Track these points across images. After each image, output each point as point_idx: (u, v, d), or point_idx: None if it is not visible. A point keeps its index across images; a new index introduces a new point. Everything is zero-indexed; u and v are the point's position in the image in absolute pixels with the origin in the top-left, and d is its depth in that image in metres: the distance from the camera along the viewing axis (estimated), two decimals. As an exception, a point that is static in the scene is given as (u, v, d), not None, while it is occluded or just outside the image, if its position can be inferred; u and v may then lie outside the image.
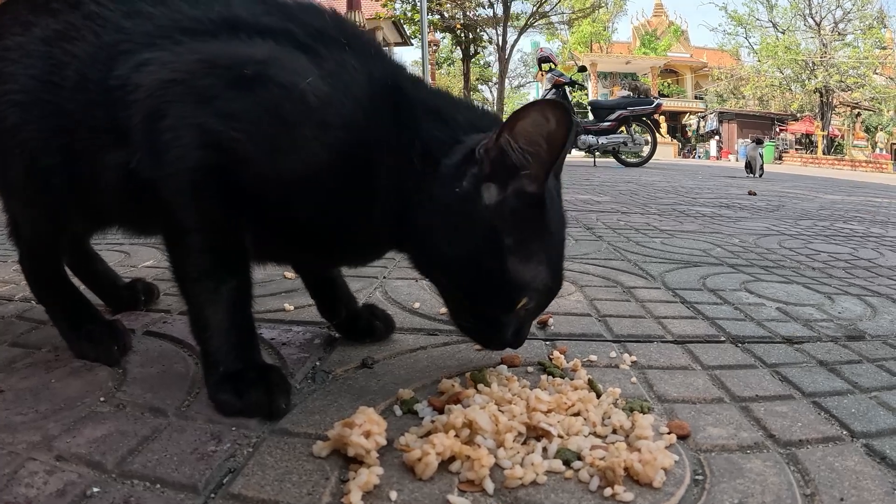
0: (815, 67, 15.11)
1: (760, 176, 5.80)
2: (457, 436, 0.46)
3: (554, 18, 14.88)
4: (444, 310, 0.86)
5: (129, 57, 0.57)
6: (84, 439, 0.49)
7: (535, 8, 13.56)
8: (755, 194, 3.48)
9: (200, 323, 0.56)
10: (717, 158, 15.70)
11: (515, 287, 0.53)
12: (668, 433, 0.51)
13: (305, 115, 0.54)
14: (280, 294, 0.92)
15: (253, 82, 0.54)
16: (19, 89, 0.60)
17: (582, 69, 6.83)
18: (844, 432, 0.54)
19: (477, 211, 0.53)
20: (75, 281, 0.77)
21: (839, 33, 15.60)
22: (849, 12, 15.36)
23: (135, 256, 1.19)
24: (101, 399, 0.57)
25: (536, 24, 14.29)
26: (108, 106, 0.57)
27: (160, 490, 0.43)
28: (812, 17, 15.77)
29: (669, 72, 19.16)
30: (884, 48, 14.82)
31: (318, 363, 0.67)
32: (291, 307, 0.86)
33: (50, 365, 0.65)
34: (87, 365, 0.65)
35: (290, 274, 1.02)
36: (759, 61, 16.89)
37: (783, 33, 16.41)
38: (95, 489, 0.42)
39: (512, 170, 0.52)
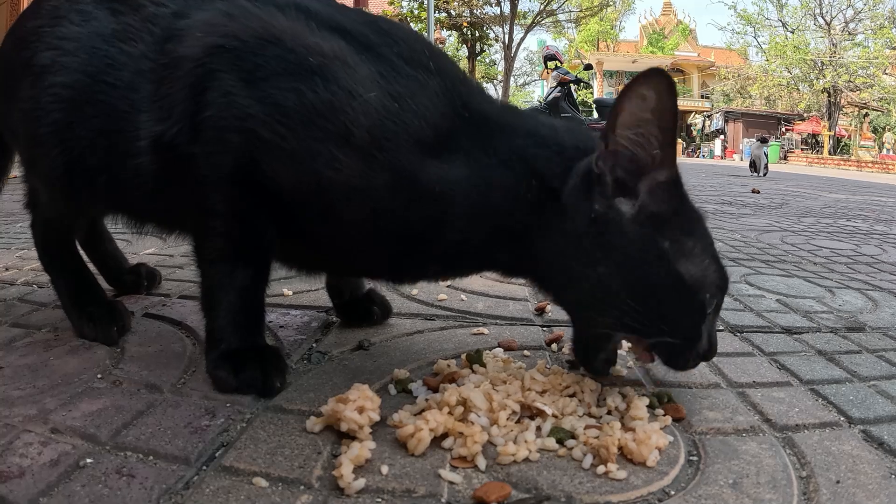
0: (824, 67, 14.98)
1: (765, 175, 5.77)
2: (450, 413, 0.47)
3: (561, 17, 14.84)
4: (442, 296, 0.86)
5: (181, 26, 0.54)
6: (79, 413, 0.49)
7: (542, 6, 13.51)
8: (759, 192, 3.46)
9: (210, 301, 0.56)
10: (722, 158, 15.63)
11: (695, 289, 0.48)
12: (664, 415, 0.51)
13: (366, 130, 0.49)
14: (279, 280, 0.93)
15: (312, 76, 0.49)
16: (70, 84, 0.57)
17: (588, 67, 6.82)
18: (842, 418, 0.54)
19: (624, 229, 0.47)
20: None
21: (849, 33, 15.44)
22: (860, 12, 15.21)
23: (137, 244, 1.20)
24: (99, 376, 0.57)
25: (543, 22, 14.25)
26: (156, 86, 0.54)
27: (153, 461, 0.43)
28: (822, 17, 15.62)
29: (676, 71, 19.04)
30: (894, 48, 14.67)
31: (314, 345, 0.67)
32: (290, 292, 0.86)
33: (49, 344, 0.65)
34: (86, 344, 0.65)
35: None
36: (768, 61, 16.76)
37: (792, 32, 16.26)
38: (89, 460, 0.43)
39: (636, 169, 0.47)
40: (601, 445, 0.44)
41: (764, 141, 6.06)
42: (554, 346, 0.68)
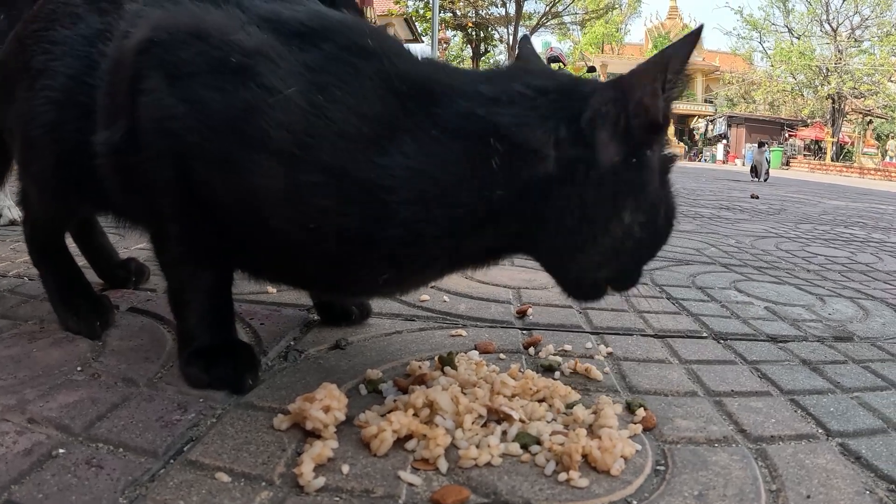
0: (829, 74, 14.90)
1: (765, 180, 5.76)
2: (416, 415, 0.47)
3: (566, 19, 14.82)
4: (424, 297, 0.86)
5: (136, 22, 0.53)
6: (56, 404, 0.50)
7: (547, 8, 13.50)
8: (757, 197, 3.44)
9: (178, 302, 0.57)
10: (724, 162, 15.57)
11: (661, 238, 0.52)
12: (634, 423, 0.51)
13: (285, 129, 0.45)
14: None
15: (234, 74, 0.46)
16: (58, 87, 0.57)
17: (591, 69, 6.81)
18: (820, 430, 0.53)
19: (652, 165, 0.46)
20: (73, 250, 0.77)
21: (856, 40, 15.34)
22: (867, 19, 15.12)
23: (129, 238, 1.20)
24: (79, 368, 0.58)
25: (548, 23, 14.24)
26: (108, 87, 0.53)
27: (122, 453, 0.43)
28: (829, 23, 15.53)
29: (681, 74, 18.96)
30: (901, 56, 14.58)
31: (292, 343, 0.67)
32: (273, 290, 0.86)
33: (34, 336, 0.66)
34: (70, 337, 0.66)
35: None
36: (773, 66, 16.69)
37: (798, 38, 16.19)
38: (61, 450, 0.43)
39: (654, 119, 0.45)
40: (565, 452, 0.44)
41: (761, 145, 6.06)
42: (531, 349, 0.68)
